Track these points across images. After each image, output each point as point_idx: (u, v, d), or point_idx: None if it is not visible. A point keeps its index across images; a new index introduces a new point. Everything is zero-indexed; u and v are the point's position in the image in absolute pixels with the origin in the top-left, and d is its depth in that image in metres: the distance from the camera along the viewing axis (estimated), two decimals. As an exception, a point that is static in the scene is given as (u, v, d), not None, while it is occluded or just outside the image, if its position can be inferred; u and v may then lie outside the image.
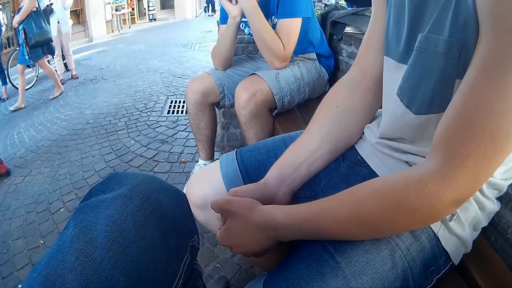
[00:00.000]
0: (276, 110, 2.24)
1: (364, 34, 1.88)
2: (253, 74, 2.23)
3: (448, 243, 0.89)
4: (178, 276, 0.81)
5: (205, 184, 1.27)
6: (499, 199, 0.96)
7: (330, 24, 2.78)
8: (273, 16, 2.27)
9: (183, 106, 4.98)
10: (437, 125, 0.74)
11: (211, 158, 2.78)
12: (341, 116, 1.10)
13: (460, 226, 0.88)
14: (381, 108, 1.09)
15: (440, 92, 0.79)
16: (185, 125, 4.27)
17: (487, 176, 0.70)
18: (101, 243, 0.67)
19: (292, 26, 2.15)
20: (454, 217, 0.87)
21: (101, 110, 5.16)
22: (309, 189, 1.13)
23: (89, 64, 9.04)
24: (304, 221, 0.84)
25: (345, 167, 1.10)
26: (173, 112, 4.81)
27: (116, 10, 18.08)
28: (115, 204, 0.74)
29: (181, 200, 0.90)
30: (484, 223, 0.94)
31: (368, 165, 1.05)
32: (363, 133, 1.12)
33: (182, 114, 4.69)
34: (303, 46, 2.35)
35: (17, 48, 7.74)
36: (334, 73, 2.62)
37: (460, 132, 0.68)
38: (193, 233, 0.91)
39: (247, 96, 2.08)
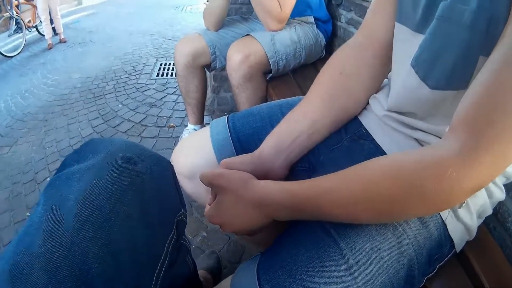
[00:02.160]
0: (270, 74, 2.17)
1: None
2: (247, 35, 2.13)
3: (455, 230, 0.85)
4: (163, 258, 0.73)
5: (194, 152, 1.19)
6: None
7: None
8: None
9: (173, 69, 4.84)
10: (453, 103, 0.71)
11: (200, 122, 2.71)
12: (346, 84, 1.01)
13: (469, 213, 0.85)
14: (387, 78, 1.05)
15: (461, 67, 0.73)
16: (175, 88, 4.15)
17: (509, 162, 0.65)
18: (70, 223, 0.59)
19: None
20: (463, 204, 0.83)
21: (89, 74, 5.01)
22: (307, 161, 1.05)
23: (78, 27, 8.79)
24: (305, 200, 0.75)
25: (347, 140, 1.03)
26: (162, 75, 4.69)
27: (107, -29, 17.73)
28: (88, 176, 0.65)
29: (165, 169, 0.81)
30: (490, 211, 0.90)
31: (373, 139, 0.98)
32: (368, 103, 1.05)
33: (171, 77, 4.57)
34: (300, 8, 2.25)
35: (4, 15, 7.64)
36: (332, 39, 2.57)
37: (486, 113, 0.62)
38: (179, 206, 0.83)
39: (240, 58, 2.00)
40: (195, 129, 2.67)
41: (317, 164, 1.02)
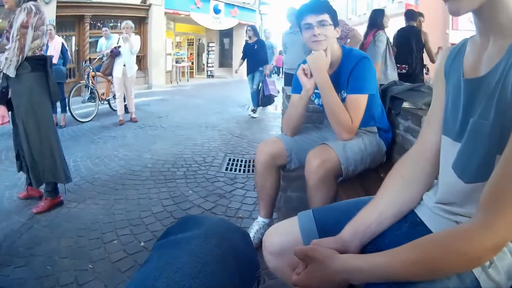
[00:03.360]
0: (341, 178, 2.43)
1: (419, 108, 2.53)
2: (323, 143, 2.44)
3: (487, 286, 1.08)
4: None
5: (283, 235, 1.53)
6: None
7: (390, 99, 3.06)
8: (343, 91, 2.55)
9: (240, 165, 5.18)
10: (481, 192, 0.96)
11: (270, 216, 2.99)
12: (405, 185, 1.36)
13: (497, 272, 1.07)
14: (437, 178, 1.34)
15: (485, 165, 1.01)
16: (243, 183, 4.45)
17: None
18: (187, 272, 0.81)
19: (359, 101, 2.44)
20: (492, 265, 1.06)
21: (159, 157, 5.43)
22: (375, 244, 1.34)
23: (148, 110, 9.57)
24: (377, 266, 1.05)
25: (406, 227, 1.34)
26: (231, 170, 4.99)
27: (177, 62, 19.13)
28: (196, 241, 0.90)
29: (248, 239, 1.08)
30: None
31: (426, 225, 1.28)
32: (422, 199, 1.36)
33: (239, 173, 4.88)
34: (366, 120, 2.56)
35: (81, 82, 8.34)
36: (392, 146, 2.88)
37: (498, 194, 0.90)
38: (259, 266, 1.08)
39: (318, 162, 2.30)
40: (264, 222, 3.00)
41: (383, 247, 1.23)
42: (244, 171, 4.95)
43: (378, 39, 5.59)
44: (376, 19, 5.79)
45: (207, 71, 24.36)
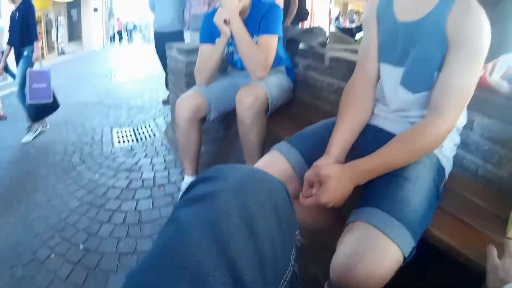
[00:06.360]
0: (269, 112, 2.64)
1: (314, 47, 3.06)
2: (249, 83, 2.56)
3: (443, 161, 1.58)
4: (289, 269, 0.80)
5: (274, 170, 1.62)
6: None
7: (286, 42, 3.33)
8: (254, 35, 2.64)
9: (131, 135, 4.93)
10: (426, 98, 1.48)
11: (196, 173, 2.92)
12: (361, 108, 1.69)
13: (445, 149, 1.59)
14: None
15: (427, 79, 1.46)
16: (144, 151, 4.25)
17: (459, 116, 1.42)
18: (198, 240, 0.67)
19: (271, 41, 2.59)
20: (442, 147, 1.55)
21: (46, 148, 4.82)
22: (352, 153, 1.61)
23: (13, 103, 8.50)
24: (383, 163, 1.40)
25: (371, 135, 1.67)
26: (124, 142, 4.71)
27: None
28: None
29: (286, 192, 0.87)
30: (454, 151, 1.69)
31: (386, 130, 1.65)
32: (373, 113, 1.74)
33: (134, 143, 4.63)
34: (276, 60, 2.69)
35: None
36: (294, 84, 3.12)
37: (442, 96, 1.38)
38: (297, 225, 0.90)
39: (251, 100, 2.43)
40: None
41: (358, 152, 1.55)
42: (137, 140, 4.70)
43: None
44: None
45: (57, 48, 22.33)
